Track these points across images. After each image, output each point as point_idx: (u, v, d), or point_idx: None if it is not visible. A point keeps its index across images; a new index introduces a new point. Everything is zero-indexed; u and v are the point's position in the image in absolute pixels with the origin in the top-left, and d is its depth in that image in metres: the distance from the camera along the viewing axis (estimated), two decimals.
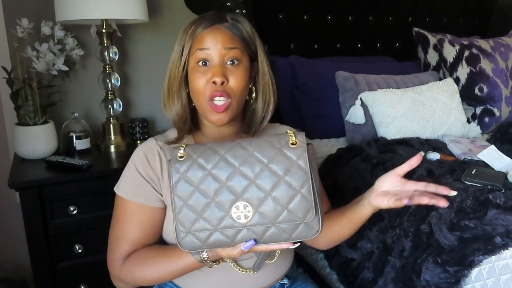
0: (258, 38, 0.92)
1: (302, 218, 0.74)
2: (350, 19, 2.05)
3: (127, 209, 0.89)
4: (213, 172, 0.75)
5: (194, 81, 0.86)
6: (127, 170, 0.91)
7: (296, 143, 0.76)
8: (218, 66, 0.85)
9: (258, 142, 0.77)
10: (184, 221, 0.75)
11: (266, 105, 0.94)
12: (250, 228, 0.74)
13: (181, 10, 1.83)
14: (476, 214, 0.95)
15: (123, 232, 0.89)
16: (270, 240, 0.76)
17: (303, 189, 0.74)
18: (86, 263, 1.50)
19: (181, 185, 0.75)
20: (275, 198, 0.74)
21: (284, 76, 1.78)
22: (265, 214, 0.74)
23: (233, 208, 0.74)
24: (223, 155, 0.76)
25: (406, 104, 1.59)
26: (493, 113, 1.79)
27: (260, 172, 0.74)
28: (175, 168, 0.76)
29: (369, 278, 1.10)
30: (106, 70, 1.68)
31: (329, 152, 1.49)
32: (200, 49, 0.85)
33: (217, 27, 0.87)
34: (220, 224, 0.74)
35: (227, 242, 0.76)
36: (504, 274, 0.86)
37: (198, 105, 0.89)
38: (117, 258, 0.89)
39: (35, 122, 1.54)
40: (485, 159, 1.28)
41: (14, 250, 1.78)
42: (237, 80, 0.86)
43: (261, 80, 0.93)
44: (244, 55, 0.88)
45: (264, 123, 0.95)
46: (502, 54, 1.91)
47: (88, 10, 1.46)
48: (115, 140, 1.72)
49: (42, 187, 1.39)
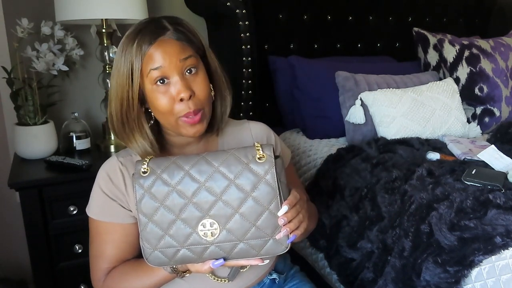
0: (198, 32, 0.87)
1: (271, 235, 0.73)
2: (350, 19, 2.05)
3: (99, 229, 0.90)
4: (178, 188, 0.73)
5: (157, 102, 0.82)
6: (94, 191, 0.91)
7: (263, 156, 0.73)
8: (180, 81, 0.80)
9: (224, 156, 0.74)
10: (149, 238, 0.74)
11: (223, 101, 0.92)
12: (218, 245, 0.73)
13: (181, 10, 1.83)
14: (476, 214, 0.95)
15: (99, 251, 0.91)
16: (239, 256, 0.75)
17: (271, 205, 0.72)
18: (86, 263, 1.48)
19: (145, 201, 0.73)
20: (243, 214, 0.72)
21: (284, 76, 1.78)
22: (232, 231, 0.73)
23: (199, 226, 0.73)
24: (187, 170, 0.73)
25: (406, 104, 1.59)
26: (493, 113, 1.79)
27: (227, 188, 0.72)
28: (138, 184, 0.74)
29: (369, 278, 1.10)
30: (106, 70, 1.68)
31: (329, 152, 1.49)
32: (153, 68, 0.80)
33: (162, 40, 0.81)
34: (187, 241, 0.73)
35: (195, 258, 0.75)
36: (504, 274, 0.86)
37: (167, 123, 0.85)
38: (98, 277, 0.91)
39: (35, 122, 1.54)
40: (485, 159, 1.28)
41: (14, 250, 1.78)
42: (201, 88, 0.83)
43: (214, 76, 0.90)
44: (198, 59, 0.85)
45: (224, 118, 0.93)
46: (502, 54, 1.91)
47: (88, 10, 1.46)
48: (115, 140, 1.72)
49: (42, 187, 1.39)
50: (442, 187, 1.07)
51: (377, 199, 1.16)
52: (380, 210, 1.14)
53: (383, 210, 1.13)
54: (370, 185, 1.21)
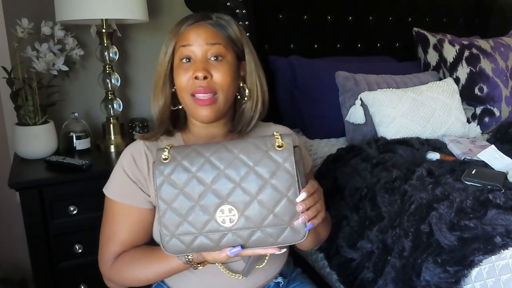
0: (246, 37, 0.92)
1: (288, 222, 0.74)
2: (350, 19, 2.05)
3: (115, 210, 0.90)
4: (198, 175, 0.74)
5: (177, 77, 0.87)
6: (115, 171, 0.91)
7: (282, 145, 0.75)
8: (200, 62, 0.85)
9: (243, 144, 0.76)
10: (168, 225, 0.74)
11: (255, 105, 0.93)
12: (235, 232, 0.74)
13: (181, 10, 1.83)
14: (476, 214, 0.95)
15: (112, 233, 0.90)
16: (256, 244, 0.75)
17: (289, 192, 0.73)
18: (86, 263, 1.50)
19: (165, 188, 0.74)
20: (261, 201, 0.73)
21: (284, 76, 1.78)
22: (250, 218, 0.73)
23: (218, 212, 0.73)
24: (208, 157, 0.74)
25: (406, 104, 1.59)
26: (493, 113, 1.79)
27: (246, 175, 0.73)
28: (159, 170, 0.75)
29: (369, 278, 1.10)
30: (106, 70, 1.68)
31: (329, 152, 1.49)
32: (183, 45, 0.86)
33: (200, 24, 0.87)
34: (205, 228, 0.74)
35: (212, 246, 0.75)
36: (504, 274, 0.86)
37: (183, 102, 0.89)
38: (107, 259, 0.90)
39: (35, 122, 1.54)
40: (485, 159, 1.28)
41: (14, 250, 1.78)
42: (221, 74, 0.85)
43: (249, 79, 0.92)
44: (228, 51, 0.88)
45: (252, 122, 0.95)
46: (502, 54, 1.91)
47: (88, 10, 1.46)
48: (115, 140, 1.72)
49: (42, 187, 1.39)
50: (442, 187, 1.07)
51: (377, 199, 1.16)
52: (380, 210, 1.14)
53: (383, 210, 1.13)
54: (370, 185, 1.21)
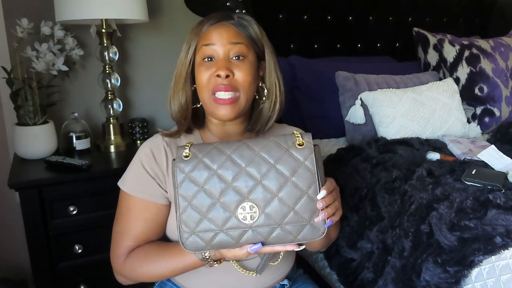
0: (266, 38, 0.94)
1: (308, 220, 0.74)
2: (350, 19, 2.05)
3: (131, 205, 0.89)
4: (219, 172, 0.74)
5: (199, 75, 0.87)
6: (133, 165, 0.91)
7: (303, 144, 0.76)
8: (223, 61, 0.86)
9: (264, 142, 0.77)
10: (188, 222, 0.74)
11: (273, 105, 0.95)
12: (255, 229, 0.74)
13: (181, 10, 1.83)
14: (476, 214, 0.95)
15: (127, 228, 0.89)
16: (276, 241, 0.75)
17: (310, 190, 0.74)
18: (86, 263, 1.50)
19: (186, 185, 0.74)
20: (282, 199, 0.74)
21: (284, 76, 1.77)
22: (271, 215, 0.74)
23: (239, 209, 0.74)
24: (229, 155, 0.75)
25: (406, 104, 1.59)
26: (493, 113, 1.79)
27: (267, 173, 0.74)
28: (179, 168, 0.75)
29: (369, 278, 1.10)
30: (106, 70, 1.68)
31: (329, 152, 1.49)
32: (205, 44, 0.87)
33: (222, 24, 0.88)
34: (225, 224, 0.74)
35: (232, 243, 0.75)
36: (504, 274, 0.86)
37: (203, 100, 0.89)
38: (120, 254, 0.89)
39: (35, 122, 1.54)
40: (485, 159, 1.27)
41: (14, 250, 1.78)
42: (243, 73, 0.86)
43: (268, 79, 0.94)
44: (250, 51, 0.89)
45: (270, 122, 0.95)
46: (502, 54, 1.91)
47: (88, 10, 1.46)
48: (115, 140, 1.72)
49: (42, 187, 1.39)
50: (442, 187, 1.07)
51: (377, 199, 1.16)
52: (380, 210, 1.14)
53: (383, 210, 1.13)
54: (370, 185, 1.21)
